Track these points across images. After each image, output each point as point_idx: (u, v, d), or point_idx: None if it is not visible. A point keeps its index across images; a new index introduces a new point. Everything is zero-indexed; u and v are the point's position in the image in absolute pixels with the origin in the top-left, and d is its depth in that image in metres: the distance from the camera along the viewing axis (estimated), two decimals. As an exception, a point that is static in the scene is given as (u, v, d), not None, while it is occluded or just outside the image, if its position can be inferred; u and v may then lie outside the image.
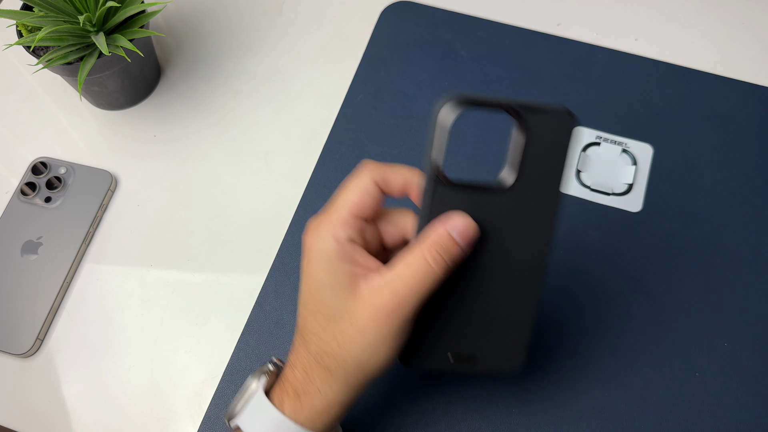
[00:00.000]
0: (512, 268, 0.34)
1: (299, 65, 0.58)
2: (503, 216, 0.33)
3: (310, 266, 0.33)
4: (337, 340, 0.32)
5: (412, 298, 0.31)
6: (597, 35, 0.57)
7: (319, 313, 0.33)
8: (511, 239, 0.33)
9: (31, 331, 0.48)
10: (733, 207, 0.50)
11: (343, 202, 0.33)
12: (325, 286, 0.32)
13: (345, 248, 0.32)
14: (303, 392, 0.34)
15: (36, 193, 0.52)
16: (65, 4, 0.47)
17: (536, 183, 0.33)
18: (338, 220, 0.33)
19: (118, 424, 0.46)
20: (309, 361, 0.34)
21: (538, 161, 0.33)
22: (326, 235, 0.32)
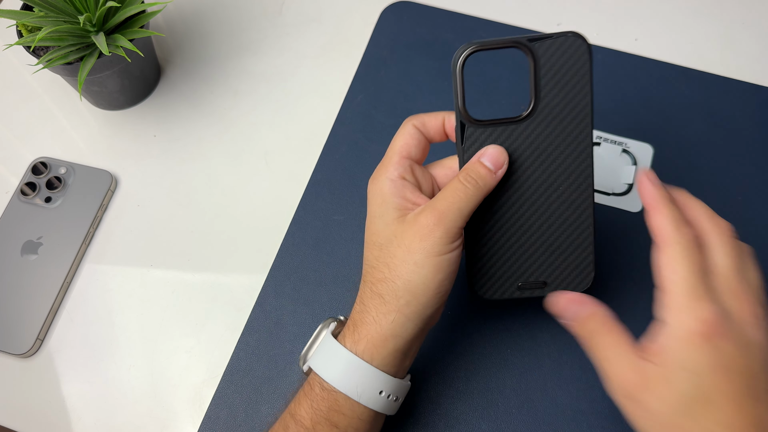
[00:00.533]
0: (560, 190, 0.37)
1: (299, 65, 0.58)
2: (536, 142, 0.36)
3: (369, 206, 0.38)
4: (388, 264, 0.36)
5: (452, 213, 0.35)
6: (597, 35, 0.57)
7: (373, 244, 0.37)
8: (551, 163, 0.37)
9: (31, 331, 0.48)
10: (733, 207, 0.50)
11: (391, 149, 0.38)
12: (378, 218, 0.37)
13: (396, 184, 0.37)
14: (360, 322, 0.36)
15: (36, 193, 0.52)
16: (65, 4, 0.47)
17: (561, 108, 0.36)
18: (389, 163, 0.37)
19: (118, 424, 0.46)
20: (365, 291, 0.37)
21: (556, 85, 0.35)
22: (381, 177, 0.37)
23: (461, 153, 0.37)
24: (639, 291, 0.48)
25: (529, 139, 0.36)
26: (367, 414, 0.36)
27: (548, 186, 0.37)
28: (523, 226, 0.38)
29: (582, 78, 0.35)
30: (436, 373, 0.45)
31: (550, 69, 0.35)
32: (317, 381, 0.37)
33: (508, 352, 0.46)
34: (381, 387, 0.36)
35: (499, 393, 0.45)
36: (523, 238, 0.38)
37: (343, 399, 0.36)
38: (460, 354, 0.46)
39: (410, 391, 0.45)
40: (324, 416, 0.36)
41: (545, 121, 0.36)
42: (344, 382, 0.36)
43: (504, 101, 0.54)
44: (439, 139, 0.39)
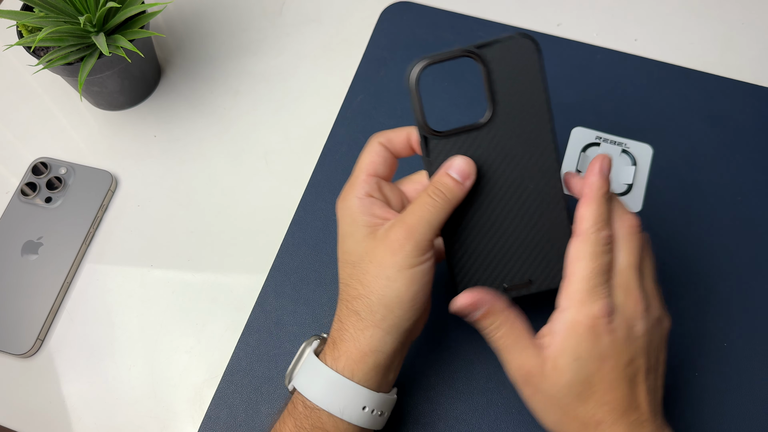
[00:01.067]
0: (530, 189, 0.37)
1: (299, 65, 0.58)
2: (499, 146, 0.37)
3: (339, 226, 0.38)
4: (361, 281, 0.36)
5: (422, 227, 0.35)
6: (597, 35, 0.57)
7: (345, 263, 0.37)
8: (518, 164, 0.37)
9: (32, 331, 0.48)
10: (733, 207, 0.50)
11: (358, 168, 0.39)
12: (349, 236, 0.37)
13: (364, 202, 0.37)
14: (339, 339, 0.37)
15: (36, 194, 0.52)
16: (66, 5, 0.47)
17: (518, 109, 0.36)
18: (356, 182, 0.38)
19: (118, 424, 0.46)
20: (341, 309, 0.37)
21: (511, 89, 0.36)
22: (349, 196, 0.38)
23: (428, 165, 0.37)
24: (639, 291, 0.48)
25: (493, 143, 0.37)
26: (351, 430, 0.36)
27: (518, 187, 0.37)
28: (500, 229, 0.38)
29: (534, 77, 0.36)
30: (436, 373, 0.45)
31: (502, 73, 0.36)
32: (300, 399, 0.37)
33: (508, 352, 0.46)
34: (364, 403, 0.36)
35: (499, 393, 0.45)
36: (501, 241, 0.38)
37: (326, 416, 0.36)
38: (460, 354, 0.46)
39: (410, 391, 0.45)
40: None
41: (505, 124, 0.37)
42: (326, 399, 0.36)
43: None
44: (406, 154, 0.39)
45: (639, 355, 0.36)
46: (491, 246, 0.38)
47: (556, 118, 0.54)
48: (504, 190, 0.37)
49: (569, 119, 0.53)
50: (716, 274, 0.48)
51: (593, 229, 0.36)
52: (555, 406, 0.36)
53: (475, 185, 0.37)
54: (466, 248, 0.38)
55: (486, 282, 0.38)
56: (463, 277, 0.38)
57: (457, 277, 0.38)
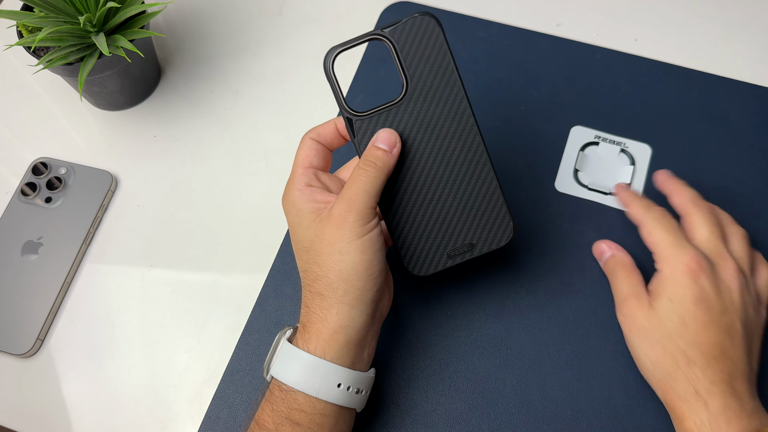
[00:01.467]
0: (455, 156, 0.40)
1: (299, 65, 0.58)
2: (419, 118, 0.39)
3: (288, 221, 0.40)
4: (317, 263, 0.37)
5: (360, 197, 0.37)
6: (597, 35, 0.58)
7: (300, 251, 0.39)
8: (440, 134, 0.40)
9: (32, 332, 0.48)
10: (732, 207, 0.50)
11: (294, 164, 0.41)
12: (298, 226, 0.39)
13: (305, 192, 0.39)
14: (308, 323, 0.38)
15: (36, 194, 0.52)
16: (66, 5, 0.48)
17: (431, 81, 0.39)
18: (294, 177, 0.40)
19: (118, 424, 0.46)
20: (306, 295, 0.39)
21: (420, 63, 0.39)
22: (291, 190, 0.40)
23: (357, 146, 0.39)
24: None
25: (413, 116, 0.39)
26: (329, 409, 0.37)
27: (444, 155, 0.40)
28: (434, 198, 0.40)
29: (441, 50, 0.39)
30: (436, 373, 0.46)
31: (410, 50, 0.39)
32: (276, 385, 0.38)
33: (508, 353, 0.46)
34: (338, 380, 0.37)
35: (499, 393, 0.45)
36: (437, 210, 0.41)
37: (302, 397, 0.37)
38: (460, 354, 0.46)
39: (410, 391, 0.45)
40: (285, 416, 0.37)
41: (421, 97, 0.39)
42: (300, 380, 0.37)
43: (504, 101, 0.54)
44: (338, 143, 0.42)
45: (735, 316, 0.39)
46: (428, 216, 0.41)
47: (556, 116, 0.55)
48: (431, 160, 0.40)
49: (568, 118, 0.54)
50: (716, 274, 0.48)
51: (645, 211, 0.44)
52: (648, 340, 0.41)
53: (404, 159, 0.40)
54: (405, 222, 0.41)
55: (429, 251, 0.41)
56: (406, 250, 0.41)
57: (401, 250, 0.41)
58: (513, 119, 0.54)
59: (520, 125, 0.54)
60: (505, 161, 0.52)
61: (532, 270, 0.48)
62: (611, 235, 0.49)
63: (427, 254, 0.41)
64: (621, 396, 0.44)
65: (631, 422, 0.44)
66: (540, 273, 0.48)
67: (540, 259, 0.49)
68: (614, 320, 0.47)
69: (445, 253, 0.41)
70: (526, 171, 0.52)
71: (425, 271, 0.41)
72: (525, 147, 0.53)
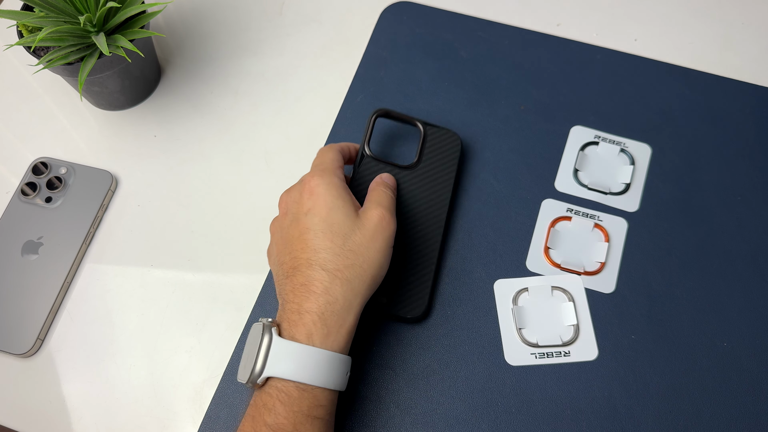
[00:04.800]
0: (417, 229, 0.47)
1: (299, 65, 0.58)
2: (410, 186, 0.48)
3: (322, 198, 0.41)
4: (354, 251, 0.40)
5: (393, 209, 0.43)
6: (596, 35, 0.58)
7: (333, 234, 0.40)
8: (416, 206, 0.48)
9: (32, 331, 0.48)
10: (732, 207, 0.50)
11: (326, 160, 0.44)
12: (339, 209, 0.41)
13: (345, 185, 0.43)
14: (327, 313, 0.38)
15: (36, 193, 0.52)
16: (66, 5, 0.48)
17: (434, 169, 0.49)
18: (330, 168, 0.44)
19: (118, 424, 0.46)
20: (328, 280, 0.39)
21: (435, 156, 0.49)
22: (330, 176, 0.43)
23: (354, 176, 0.48)
24: (637, 290, 0.48)
25: (407, 183, 0.48)
26: (336, 396, 0.39)
27: (410, 223, 0.47)
28: None
29: (453, 157, 0.50)
30: (436, 373, 0.46)
31: (432, 144, 0.50)
32: (292, 385, 0.37)
33: (507, 352, 0.46)
34: (347, 369, 0.39)
35: (499, 393, 0.45)
36: None
37: (321, 393, 0.37)
38: (460, 354, 0.46)
39: (410, 391, 0.45)
40: (305, 414, 0.37)
41: (421, 175, 0.49)
42: (324, 378, 0.37)
43: (503, 101, 0.54)
44: (349, 163, 0.48)
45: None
46: None
47: (556, 116, 0.55)
48: (402, 220, 0.47)
49: (568, 118, 0.54)
50: (715, 274, 0.48)
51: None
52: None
53: None
54: None
55: None
56: None
57: None
58: (513, 119, 0.54)
59: (520, 125, 0.54)
60: (505, 161, 0.52)
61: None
62: (613, 235, 0.49)
63: None
64: (621, 396, 0.44)
65: (631, 422, 0.44)
66: (540, 273, 0.48)
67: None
68: (613, 318, 0.47)
69: None
70: (526, 171, 0.52)
71: None
72: (525, 147, 0.53)
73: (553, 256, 0.49)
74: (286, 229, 0.42)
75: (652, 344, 0.46)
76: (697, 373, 0.45)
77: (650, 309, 0.47)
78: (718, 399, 0.44)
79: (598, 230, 0.50)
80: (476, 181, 0.52)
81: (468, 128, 0.53)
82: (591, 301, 0.47)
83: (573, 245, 0.49)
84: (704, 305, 0.47)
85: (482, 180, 0.52)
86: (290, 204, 0.43)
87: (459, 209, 0.51)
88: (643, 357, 0.46)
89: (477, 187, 0.51)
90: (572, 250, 0.49)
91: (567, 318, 0.47)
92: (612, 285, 0.48)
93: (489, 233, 0.50)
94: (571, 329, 0.46)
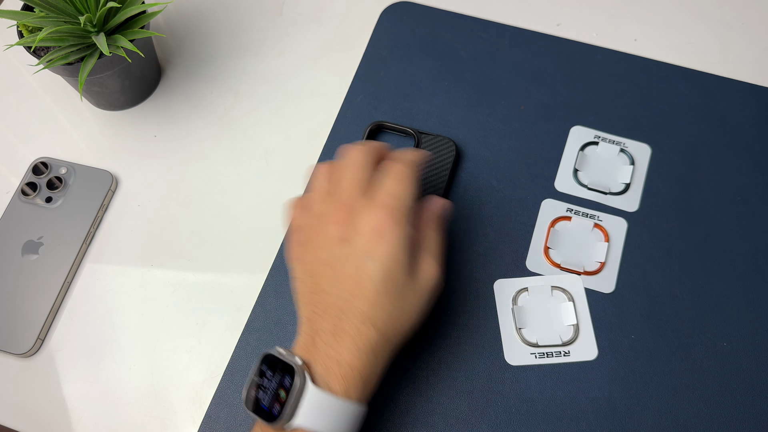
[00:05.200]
0: None
1: (299, 66, 0.58)
2: None
3: (392, 248, 0.37)
4: (405, 312, 0.38)
5: (443, 253, 0.41)
6: (596, 36, 0.58)
7: (392, 293, 0.37)
8: None
9: (32, 331, 0.48)
10: (732, 207, 0.50)
11: (409, 196, 0.39)
12: (403, 266, 0.37)
13: (413, 230, 0.39)
14: (369, 371, 0.37)
15: (37, 193, 0.52)
16: (66, 5, 0.48)
17: (426, 174, 0.50)
18: (409, 212, 0.38)
19: (118, 424, 0.46)
20: (376, 341, 0.37)
21: (428, 162, 0.51)
22: (406, 224, 0.38)
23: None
24: (637, 290, 0.48)
25: None
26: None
27: None
28: None
29: (447, 161, 0.51)
30: (436, 373, 0.46)
31: (427, 150, 0.51)
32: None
33: (507, 352, 0.46)
34: (364, 418, 0.38)
35: (499, 393, 0.45)
36: None
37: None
38: (459, 354, 0.46)
39: (410, 391, 0.45)
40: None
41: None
42: (350, 429, 0.36)
43: (503, 101, 0.54)
44: None
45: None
46: None
47: (556, 116, 0.55)
48: None
49: (568, 118, 0.54)
50: (715, 274, 0.48)
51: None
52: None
53: None
54: None
55: None
56: None
57: None
58: (513, 119, 0.54)
59: (520, 125, 0.54)
60: (505, 161, 0.52)
61: (532, 270, 0.48)
62: (612, 235, 0.49)
63: None
64: (621, 396, 0.44)
65: (631, 422, 0.44)
66: (540, 273, 0.48)
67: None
68: (613, 318, 0.47)
69: None
70: (526, 171, 0.52)
71: None
72: (525, 147, 0.53)
73: (553, 256, 0.49)
74: (336, 253, 0.38)
75: (652, 344, 0.46)
76: (697, 373, 0.45)
77: (650, 309, 0.47)
78: (718, 399, 0.44)
79: (598, 230, 0.50)
80: (476, 181, 0.52)
81: (468, 128, 0.53)
82: (591, 301, 0.47)
83: (573, 245, 0.49)
84: (704, 305, 0.47)
85: (482, 180, 0.52)
86: (342, 216, 0.38)
87: (459, 209, 0.51)
88: (643, 357, 0.46)
89: (477, 187, 0.51)
90: (572, 250, 0.49)
91: (567, 318, 0.47)
92: (612, 285, 0.48)
93: (489, 233, 0.50)
94: (571, 329, 0.46)
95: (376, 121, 0.53)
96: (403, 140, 0.53)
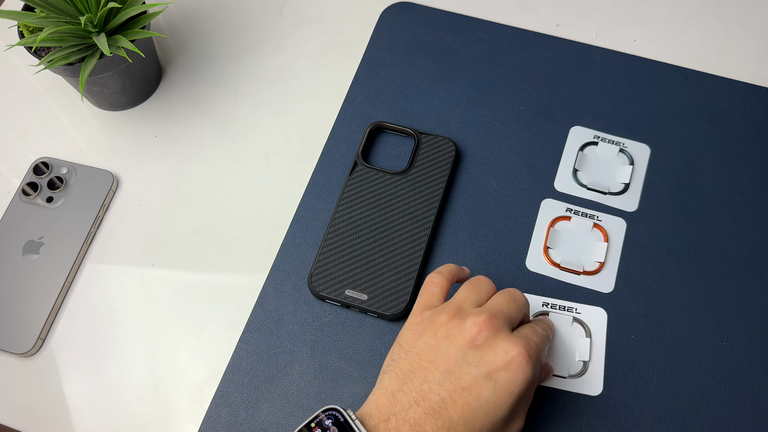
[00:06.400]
0: (406, 233, 0.49)
1: (300, 66, 0.58)
2: (400, 191, 0.50)
3: (514, 387, 0.36)
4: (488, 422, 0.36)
5: None
6: (596, 36, 0.58)
7: (484, 421, 0.36)
8: (405, 210, 0.49)
9: (33, 331, 0.48)
10: (731, 207, 0.50)
11: (544, 347, 0.40)
12: (510, 407, 0.37)
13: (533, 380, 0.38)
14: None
15: (38, 193, 0.52)
16: (67, 5, 0.48)
17: (425, 176, 0.51)
18: (539, 362, 0.38)
19: (119, 424, 0.46)
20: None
21: (427, 163, 0.51)
22: (536, 369, 0.38)
23: (348, 180, 0.51)
24: (636, 290, 0.48)
25: (398, 189, 0.50)
26: None
27: (398, 226, 0.49)
28: (367, 245, 0.48)
29: (446, 161, 0.51)
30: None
31: (425, 151, 0.51)
32: None
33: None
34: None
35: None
36: (364, 256, 0.48)
37: None
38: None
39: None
40: None
41: (412, 181, 0.50)
42: None
43: (503, 102, 0.54)
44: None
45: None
46: (354, 255, 0.48)
47: (556, 116, 0.55)
48: (389, 221, 0.49)
49: (568, 118, 0.54)
50: (714, 274, 0.48)
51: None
52: None
53: (375, 209, 0.49)
54: (337, 248, 0.48)
55: (334, 281, 0.47)
56: (321, 270, 0.48)
57: (317, 269, 0.48)
58: (512, 119, 0.54)
59: (520, 125, 0.54)
60: (505, 161, 0.52)
61: (532, 269, 0.49)
62: (611, 235, 0.49)
63: (331, 281, 0.47)
64: (621, 396, 0.45)
65: (631, 422, 0.44)
66: (539, 272, 0.48)
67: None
68: (613, 318, 0.47)
69: (343, 291, 0.47)
70: (526, 171, 0.52)
71: (321, 291, 0.47)
72: (525, 147, 0.53)
73: (553, 255, 0.49)
74: (461, 354, 0.37)
75: (652, 344, 0.46)
76: (696, 373, 0.45)
77: (649, 308, 0.47)
78: (718, 399, 0.44)
79: (598, 230, 0.50)
80: (476, 181, 0.52)
81: (467, 128, 0.54)
82: (591, 301, 0.47)
83: (572, 245, 0.49)
84: (703, 305, 0.47)
85: (482, 180, 0.52)
86: (487, 327, 0.38)
87: (459, 209, 0.51)
88: (643, 356, 0.46)
89: (476, 187, 0.52)
90: (571, 249, 0.49)
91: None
92: (611, 285, 0.48)
93: (489, 233, 0.50)
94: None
95: (376, 121, 0.53)
96: (403, 140, 0.53)
